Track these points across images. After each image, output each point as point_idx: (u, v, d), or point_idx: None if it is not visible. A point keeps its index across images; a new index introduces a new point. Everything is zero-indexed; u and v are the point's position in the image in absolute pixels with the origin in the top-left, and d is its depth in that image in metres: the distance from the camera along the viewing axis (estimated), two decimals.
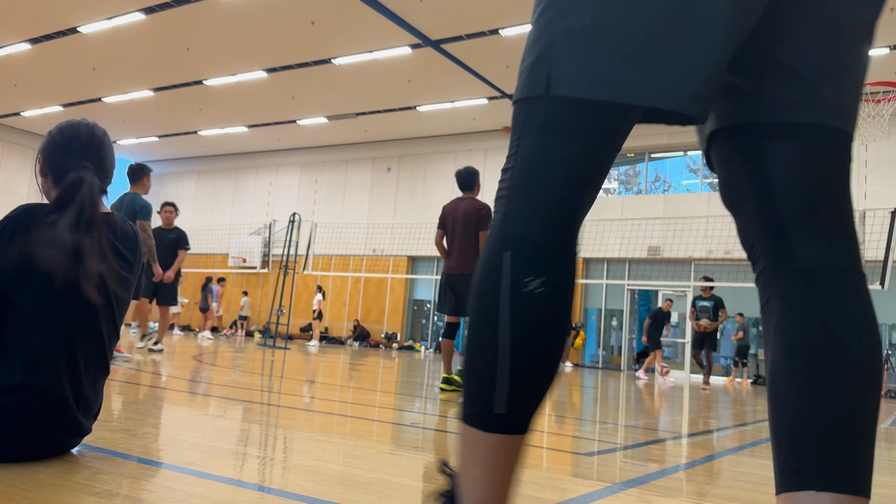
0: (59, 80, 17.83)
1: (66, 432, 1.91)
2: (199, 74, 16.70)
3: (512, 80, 15.40)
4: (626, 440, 3.58)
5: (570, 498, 2.02)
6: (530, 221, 0.91)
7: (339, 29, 13.61)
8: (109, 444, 2.28)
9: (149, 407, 3.30)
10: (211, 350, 9.77)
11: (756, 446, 3.82)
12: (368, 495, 1.81)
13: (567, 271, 0.92)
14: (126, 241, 2.12)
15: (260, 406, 3.73)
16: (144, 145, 24.18)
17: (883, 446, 4.50)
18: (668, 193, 17.59)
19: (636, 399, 6.95)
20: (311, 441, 2.66)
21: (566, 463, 2.73)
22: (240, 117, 20.01)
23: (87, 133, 2.08)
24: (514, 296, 0.90)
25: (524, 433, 0.94)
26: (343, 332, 20.60)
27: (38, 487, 1.60)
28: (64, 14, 13.95)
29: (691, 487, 2.37)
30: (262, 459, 2.22)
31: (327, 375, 6.71)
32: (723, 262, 15.57)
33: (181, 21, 13.76)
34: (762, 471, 2.86)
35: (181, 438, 2.46)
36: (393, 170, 20.97)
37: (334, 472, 2.09)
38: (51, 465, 1.83)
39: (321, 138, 21.61)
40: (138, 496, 1.61)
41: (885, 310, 14.29)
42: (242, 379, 5.47)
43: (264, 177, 23.69)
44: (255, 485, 1.85)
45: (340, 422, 3.33)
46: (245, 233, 22.78)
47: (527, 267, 0.89)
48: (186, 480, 1.82)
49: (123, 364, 5.88)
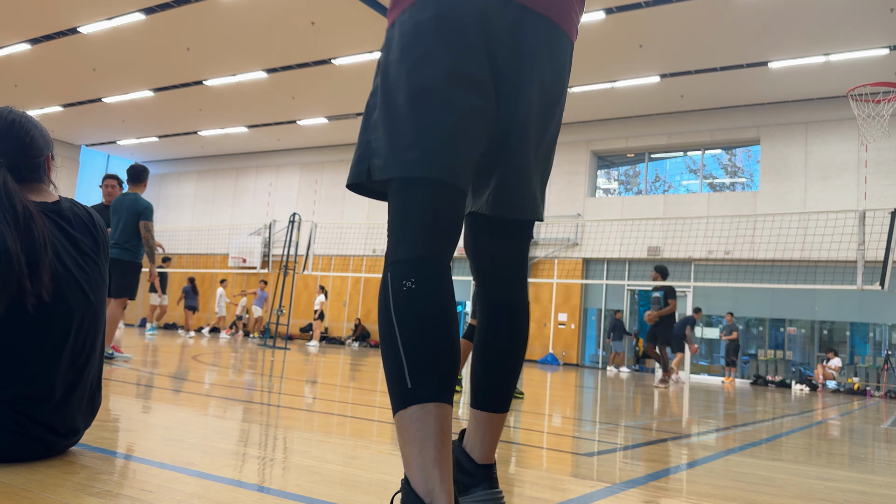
0: (60, 80, 17.85)
1: (60, 433, 1.90)
2: (200, 75, 16.71)
3: None
4: (626, 440, 3.58)
5: (570, 498, 2.02)
6: (402, 246, 1.27)
7: (339, 29, 13.61)
8: (109, 444, 2.28)
9: (149, 407, 3.29)
10: (210, 350, 9.77)
11: (755, 446, 3.82)
12: (368, 496, 1.81)
13: (433, 275, 1.24)
14: (80, 225, 2.02)
15: (260, 406, 3.73)
16: (144, 145, 24.20)
17: (883, 446, 4.50)
18: (667, 194, 17.59)
19: (635, 399, 6.95)
20: (310, 441, 2.66)
21: (566, 463, 2.73)
22: (240, 117, 20.02)
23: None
24: (395, 296, 1.23)
25: (438, 401, 1.18)
26: (343, 332, 20.60)
27: (38, 487, 1.60)
28: (64, 14, 13.97)
29: (691, 488, 2.37)
30: (261, 460, 2.22)
31: (327, 376, 6.71)
32: (722, 262, 15.58)
33: (181, 21, 13.77)
34: (761, 471, 2.86)
35: (181, 438, 2.46)
36: None
37: (334, 472, 2.09)
38: (50, 465, 1.83)
39: (321, 138, 21.62)
40: (138, 496, 1.61)
41: (884, 310, 14.29)
42: (242, 379, 5.47)
43: (264, 177, 23.71)
44: (255, 485, 1.85)
45: (340, 422, 3.33)
46: (245, 233, 22.78)
47: (401, 275, 1.24)
48: (186, 481, 1.82)
49: (123, 364, 5.88)
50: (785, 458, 3.41)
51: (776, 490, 2.45)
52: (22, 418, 1.80)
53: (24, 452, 1.83)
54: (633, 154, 18.20)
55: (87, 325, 1.96)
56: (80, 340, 1.93)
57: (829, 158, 15.10)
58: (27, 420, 1.81)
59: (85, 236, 2.02)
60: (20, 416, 1.80)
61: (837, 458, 3.63)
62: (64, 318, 1.88)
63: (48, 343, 1.85)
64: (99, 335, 2.03)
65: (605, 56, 13.74)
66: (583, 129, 18.08)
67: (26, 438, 1.81)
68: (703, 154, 17.24)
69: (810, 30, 12.07)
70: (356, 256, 20.53)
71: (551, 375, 10.72)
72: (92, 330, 1.98)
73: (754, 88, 14.92)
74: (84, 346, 1.95)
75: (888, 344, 14.51)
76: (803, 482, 2.69)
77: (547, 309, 17.65)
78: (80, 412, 1.97)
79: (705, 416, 5.78)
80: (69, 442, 1.97)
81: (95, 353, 2.01)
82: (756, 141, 16.17)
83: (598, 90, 15.53)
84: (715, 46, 12.96)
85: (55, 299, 1.86)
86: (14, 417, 1.79)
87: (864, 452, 4.04)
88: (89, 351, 1.97)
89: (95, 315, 1.99)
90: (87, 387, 1.98)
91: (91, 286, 1.98)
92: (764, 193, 15.65)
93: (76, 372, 1.93)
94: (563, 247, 17.70)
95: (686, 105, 16.29)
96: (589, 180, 17.92)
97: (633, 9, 11.71)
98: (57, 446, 1.91)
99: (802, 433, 4.91)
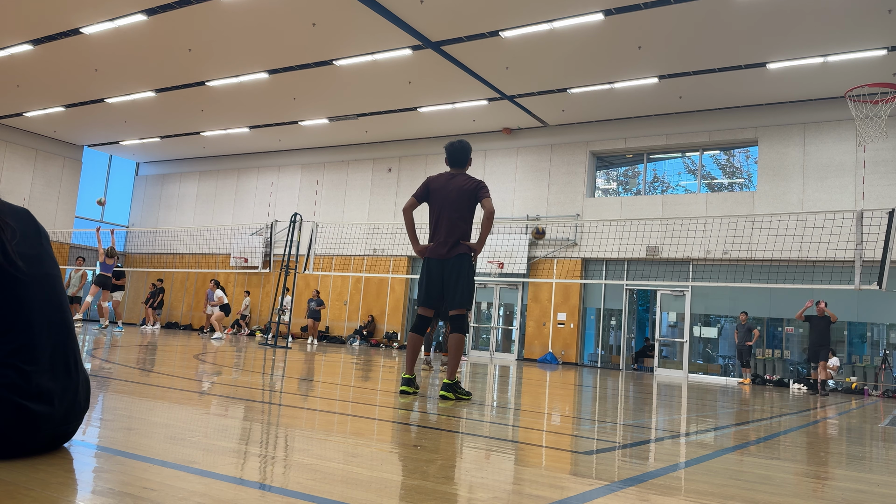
0: (62, 80, 17.85)
1: (53, 419, 1.94)
2: (201, 75, 16.71)
3: (512, 81, 15.43)
4: (625, 439, 3.59)
5: (568, 496, 2.03)
6: None
7: (340, 30, 13.62)
8: (111, 442, 2.29)
9: (151, 405, 3.31)
10: (212, 349, 9.77)
11: (754, 445, 3.84)
12: (369, 493, 1.83)
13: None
14: (14, 217, 2.04)
15: (261, 405, 3.75)
16: (147, 146, 24.20)
17: (882, 446, 4.51)
18: (666, 194, 17.59)
19: (634, 398, 6.96)
20: (312, 440, 2.68)
21: (565, 461, 2.74)
22: (241, 118, 20.02)
23: None
24: None
25: None
26: (344, 331, 20.62)
27: (40, 486, 1.61)
28: (66, 15, 13.97)
29: (689, 486, 2.39)
30: (263, 458, 2.24)
31: (328, 375, 6.72)
32: (721, 262, 15.59)
33: (183, 22, 13.77)
34: (760, 469, 2.87)
35: (183, 437, 2.47)
36: (393, 170, 20.98)
37: (335, 470, 2.11)
38: (52, 464, 1.84)
39: (322, 139, 21.62)
40: (140, 494, 1.62)
41: (882, 310, 14.31)
42: (243, 378, 5.48)
43: (266, 177, 23.70)
44: (257, 483, 1.86)
45: (341, 420, 3.35)
46: (247, 233, 22.79)
47: None
48: (188, 479, 1.83)
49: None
50: (783, 456, 3.43)
51: (774, 489, 2.46)
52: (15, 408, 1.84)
53: (28, 440, 1.87)
54: (631, 155, 18.21)
55: (43, 309, 2.01)
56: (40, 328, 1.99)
57: (827, 159, 15.12)
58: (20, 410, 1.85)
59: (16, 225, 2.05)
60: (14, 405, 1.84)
61: (835, 457, 3.64)
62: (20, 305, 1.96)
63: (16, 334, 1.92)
64: (48, 317, 2.06)
65: (603, 57, 13.76)
66: (582, 129, 18.09)
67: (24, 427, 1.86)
68: (702, 154, 17.25)
69: (808, 31, 12.08)
70: (357, 256, 20.54)
71: (550, 374, 10.73)
72: (39, 312, 2.02)
73: (752, 89, 14.93)
74: (49, 329, 2.02)
75: (885, 343, 14.53)
76: (801, 481, 2.71)
77: (546, 308, 17.67)
78: (64, 397, 2.02)
79: (703, 414, 5.80)
80: (73, 426, 2.03)
81: (61, 337, 2.07)
82: (754, 141, 16.18)
83: (597, 91, 15.55)
84: (713, 47, 12.98)
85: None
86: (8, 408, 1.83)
87: (862, 451, 4.06)
88: (55, 333, 2.04)
89: (49, 302, 2.05)
90: (59, 369, 2.03)
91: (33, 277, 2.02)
92: (762, 194, 15.66)
93: (49, 359, 2.00)
94: (562, 247, 17.72)
95: (684, 106, 16.30)
96: (588, 181, 17.94)
97: (632, 10, 11.72)
98: (59, 432, 1.98)
99: (800, 432, 4.93)
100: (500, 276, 17.88)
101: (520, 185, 18.69)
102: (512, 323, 18.61)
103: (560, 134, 18.38)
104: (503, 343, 18.88)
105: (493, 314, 19.00)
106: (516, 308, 18.46)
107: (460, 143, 5.17)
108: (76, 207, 24.58)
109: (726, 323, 16.51)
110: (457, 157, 5.13)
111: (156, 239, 25.48)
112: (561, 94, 15.91)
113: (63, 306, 2.08)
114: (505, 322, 18.90)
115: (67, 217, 24.14)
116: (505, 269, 17.79)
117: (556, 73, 14.83)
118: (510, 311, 18.76)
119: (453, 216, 4.98)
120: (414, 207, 5.05)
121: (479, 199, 5.00)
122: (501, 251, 17.75)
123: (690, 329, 16.37)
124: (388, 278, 19.67)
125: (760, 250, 14.82)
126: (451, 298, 4.97)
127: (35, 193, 23.30)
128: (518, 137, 19.01)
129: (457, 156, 5.13)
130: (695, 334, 16.67)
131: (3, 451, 1.83)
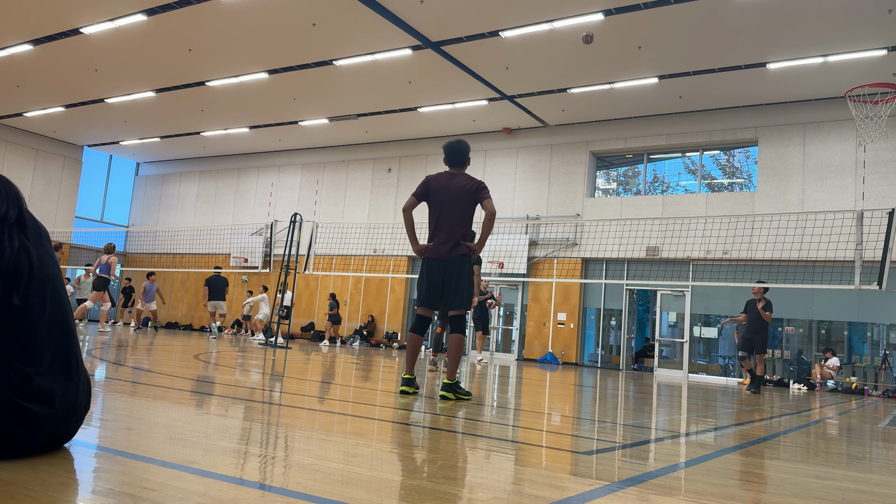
0: (62, 80, 17.84)
1: (56, 420, 1.94)
2: (201, 75, 16.71)
3: (512, 81, 15.42)
4: (625, 439, 3.59)
5: (569, 496, 2.03)
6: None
7: (340, 30, 13.62)
8: (111, 442, 2.30)
9: (151, 405, 3.31)
10: (214, 349, 9.78)
11: (754, 445, 3.84)
12: (369, 493, 1.83)
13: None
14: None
15: (261, 405, 3.75)
16: (147, 146, 24.19)
17: (882, 446, 4.51)
18: (666, 194, 17.59)
19: (634, 399, 6.96)
20: (312, 440, 2.68)
21: (565, 461, 2.74)
22: (241, 118, 20.02)
23: None
24: None
25: None
26: (344, 331, 20.61)
27: (40, 486, 1.61)
28: (66, 15, 13.97)
29: (689, 486, 2.39)
30: (263, 458, 2.24)
31: (328, 375, 6.72)
32: (721, 262, 15.59)
33: (183, 22, 13.77)
34: (760, 470, 2.88)
35: (183, 437, 2.47)
36: (393, 170, 20.97)
37: (335, 470, 2.11)
38: (53, 464, 1.84)
39: (322, 139, 21.61)
40: (140, 494, 1.62)
41: (882, 310, 14.30)
42: (244, 378, 5.48)
43: (266, 177, 23.70)
44: (257, 483, 1.86)
45: (341, 420, 3.35)
46: (247, 233, 22.79)
47: None
48: (188, 479, 1.83)
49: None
50: (783, 456, 3.43)
51: (774, 489, 2.46)
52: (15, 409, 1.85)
53: (31, 441, 1.87)
54: (631, 155, 18.21)
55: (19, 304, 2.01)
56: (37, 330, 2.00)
57: (827, 159, 15.11)
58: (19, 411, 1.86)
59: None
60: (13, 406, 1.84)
61: (835, 457, 3.64)
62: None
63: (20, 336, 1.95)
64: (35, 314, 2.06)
65: (603, 57, 13.75)
66: (582, 129, 18.09)
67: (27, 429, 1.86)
68: (702, 154, 17.25)
69: (808, 31, 12.08)
70: (357, 256, 20.54)
71: (550, 374, 10.73)
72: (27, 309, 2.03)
73: (752, 89, 14.93)
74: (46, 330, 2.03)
75: (885, 343, 14.53)
76: (801, 481, 2.71)
77: (546, 308, 17.67)
78: (67, 396, 2.03)
79: (703, 414, 5.80)
80: (74, 426, 2.04)
81: (63, 339, 2.09)
82: (754, 141, 16.18)
83: (597, 91, 15.55)
84: (713, 47, 12.97)
85: None
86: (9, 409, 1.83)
87: (862, 451, 4.06)
88: (59, 336, 2.06)
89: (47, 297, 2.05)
90: (60, 371, 2.05)
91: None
92: (762, 194, 15.67)
93: (51, 360, 2.01)
94: (562, 247, 17.72)
95: (684, 106, 16.30)
96: (588, 181, 17.94)
97: (632, 10, 11.72)
98: (61, 432, 1.99)
99: (800, 432, 4.93)
100: (500, 276, 17.88)
101: (520, 185, 18.69)
102: (512, 323, 18.61)
103: (560, 134, 18.38)
104: (503, 343, 18.88)
105: (493, 314, 18.99)
106: (516, 308, 18.47)
107: (459, 143, 5.16)
108: (76, 207, 24.59)
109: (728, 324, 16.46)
110: (456, 157, 5.13)
111: (156, 239, 25.49)
112: (561, 94, 15.91)
113: (64, 307, 2.08)
114: (505, 322, 18.90)
115: (67, 217, 24.15)
116: (505, 269, 17.79)
117: (556, 73, 14.83)
118: (510, 311, 18.77)
119: (454, 217, 4.96)
120: (414, 207, 5.03)
121: (479, 200, 4.98)
122: (501, 251, 17.75)
123: (690, 329, 16.37)
124: (388, 278, 19.67)
125: (760, 250, 14.82)
126: (452, 299, 4.97)
127: (35, 193, 23.30)
128: (518, 137, 19.01)
129: (456, 156, 5.12)
130: (695, 334, 16.67)
131: (4, 452, 1.83)
